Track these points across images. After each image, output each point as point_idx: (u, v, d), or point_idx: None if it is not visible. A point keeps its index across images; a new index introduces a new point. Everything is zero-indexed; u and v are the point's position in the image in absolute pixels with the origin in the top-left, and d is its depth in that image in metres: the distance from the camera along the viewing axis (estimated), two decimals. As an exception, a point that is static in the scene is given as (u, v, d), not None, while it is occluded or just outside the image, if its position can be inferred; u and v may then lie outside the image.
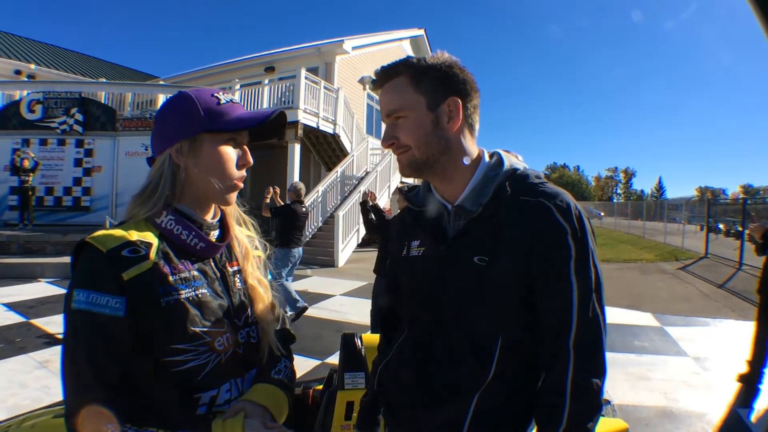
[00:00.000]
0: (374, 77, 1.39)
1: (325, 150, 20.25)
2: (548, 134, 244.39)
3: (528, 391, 1.32)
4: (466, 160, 1.37)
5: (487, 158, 1.42)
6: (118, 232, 1.21)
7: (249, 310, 1.42)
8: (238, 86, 18.20)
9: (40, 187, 16.00)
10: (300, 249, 8.22)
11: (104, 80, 23.02)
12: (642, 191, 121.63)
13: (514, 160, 1.43)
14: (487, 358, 1.29)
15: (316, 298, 10.04)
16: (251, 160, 1.38)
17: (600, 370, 1.24)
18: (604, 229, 36.79)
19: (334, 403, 2.36)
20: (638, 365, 6.14)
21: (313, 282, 11.97)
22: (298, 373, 5.18)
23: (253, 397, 1.30)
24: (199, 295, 1.26)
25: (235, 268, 1.43)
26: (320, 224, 16.73)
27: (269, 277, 1.59)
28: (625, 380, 5.57)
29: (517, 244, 1.26)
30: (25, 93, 17.20)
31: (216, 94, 1.32)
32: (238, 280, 1.42)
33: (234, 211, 1.47)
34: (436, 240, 1.41)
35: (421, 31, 27.71)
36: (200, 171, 1.30)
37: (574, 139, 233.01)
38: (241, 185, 1.38)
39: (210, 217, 1.39)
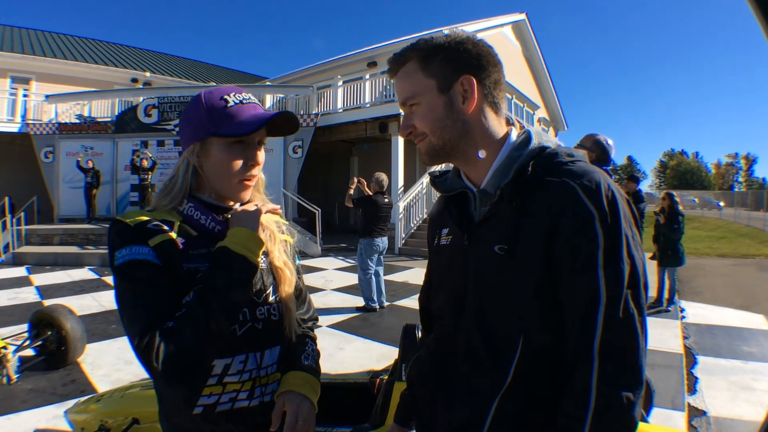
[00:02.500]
0: (388, 66, 1.33)
1: (429, 141, 20.18)
2: (666, 118, 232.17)
3: (555, 401, 1.15)
4: (482, 154, 1.26)
5: (513, 137, 1.30)
6: (144, 213, 1.37)
7: (270, 289, 1.50)
8: (340, 82, 18.78)
9: (159, 185, 17.11)
10: (384, 239, 8.33)
11: (214, 84, 24.12)
12: (764, 179, 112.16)
13: (545, 138, 1.29)
14: (506, 360, 1.17)
15: (415, 289, 10.11)
16: (260, 160, 1.43)
17: (633, 382, 1.05)
18: (723, 221, 34.33)
19: (392, 393, 2.40)
20: (742, 373, 5.69)
21: (414, 273, 12.07)
22: (385, 362, 5.37)
23: (293, 387, 1.42)
24: None
25: None
26: (425, 216, 16.77)
27: (297, 261, 1.67)
28: (726, 389, 5.20)
29: (536, 232, 1.13)
30: (140, 99, 18.50)
31: (225, 96, 1.38)
32: (262, 261, 1.48)
33: (259, 197, 1.55)
34: (462, 228, 1.31)
35: (522, 16, 26.63)
36: (209, 170, 1.41)
37: (692, 122, 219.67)
38: (250, 183, 1.44)
39: (231, 203, 1.48)
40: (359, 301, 8.58)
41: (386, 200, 8.28)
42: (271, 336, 1.47)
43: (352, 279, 10.25)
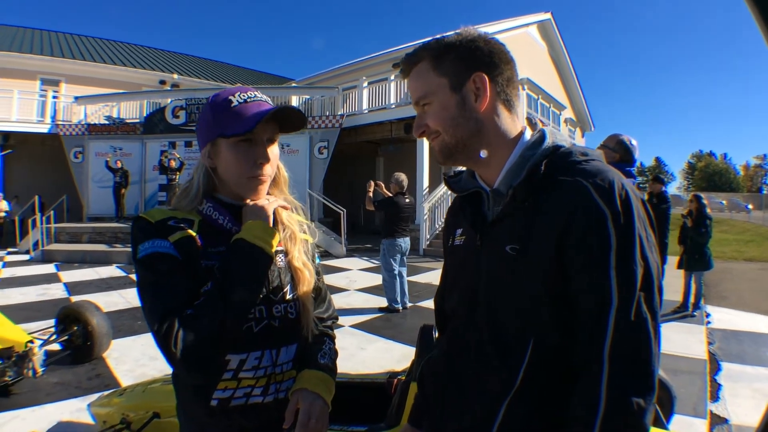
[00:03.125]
0: (400, 66, 1.33)
1: (454, 142, 20.16)
2: (694, 119, 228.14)
3: (565, 404, 1.11)
4: (483, 154, 1.25)
5: (527, 136, 1.28)
6: (165, 211, 1.42)
7: (288, 287, 1.52)
8: (365, 83, 18.82)
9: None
10: (406, 239, 8.30)
11: (240, 86, 24.32)
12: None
13: (560, 137, 1.27)
14: (516, 361, 1.15)
15: (438, 290, 10.12)
16: (268, 156, 1.43)
17: (644, 388, 1.02)
18: (751, 224, 33.38)
19: (408, 394, 2.41)
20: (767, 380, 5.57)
21: (438, 275, 11.82)
22: (405, 363, 5.37)
23: (307, 386, 1.44)
24: None
25: (278, 248, 1.52)
26: (449, 216, 16.69)
27: (317, 260, 1.70)
28: (749, 397, 5.06)
29: (548, 232, 1.11)
30: (168, 100, 18.90)
31: (230, 97, 1.41)
32: (279, 260, 1.52)
33: (282, 196, 1.58)
34: (475, 228, 1.30)
35: (548, 15, 26.40)
36: (222, 171, 1.44)
37: (720, 123, 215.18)
38: (264, 179, 1.45)
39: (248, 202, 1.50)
40: (382, 302, 8.57)
41: (407, 200, 8.25)
42: (287, 334, 1.49)
43: (376, 279, 10.23)
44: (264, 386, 1.43)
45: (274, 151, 1.47)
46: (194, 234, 1.38)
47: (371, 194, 8.15)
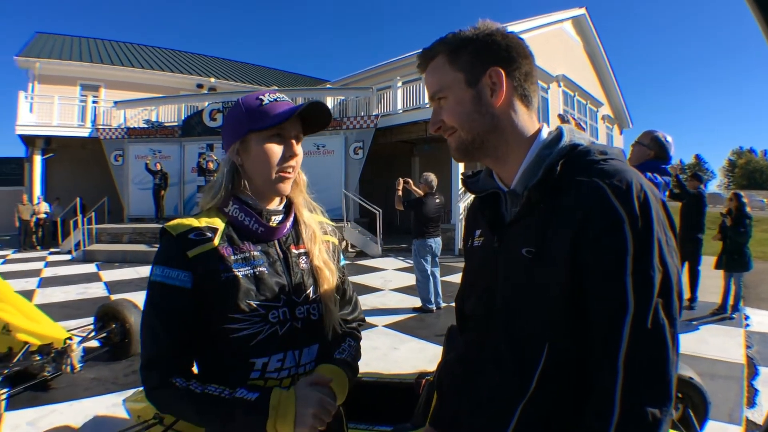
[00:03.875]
0: (417, 61, 1.32)
1: (490, 141, 20.03)
2: (734, 115, 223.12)
3: (578, 412, 1.10)
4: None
5: (544, 135, 1.25)
6: (189, 220, 1.44)
7: (311, 289, 1.53)
8: (399, 83, 18.70)
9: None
10: (437, 239, 8.25)
11: (275, 88, 24.62)
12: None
13: (578, 136, 1.23)
14: (531, 366, 1.12)
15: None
16: (297, 152, 1.48)
17: (660, 397, 0.99)
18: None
19: (434, 394, 2.41)
20: (796, 385, 5.27)
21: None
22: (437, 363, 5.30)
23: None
24: (257, 273, 1.43)
25: (301, 250, 1.56)
26: (485, 216, 16.57)
27: (342, 262, 1.72)
28: None
29: (564, 235, 1.08)
30: (205, 104, 19.25)
31: (260, 97, 1.46)
32: (303, 262, 1.54)
33: (302, 197, 1.61)
34: (493, 229, 1.29)
35: (582, 10, 25.90)
36: (251, 166, 1.47)
37: (761, 119, 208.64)
38: (290, 175, 1.49)
39: (275, 204, 1.55)
40: (417, 302, 8.54)
41: (437, 201, 8.19)
42: (309, 335, 1.51)
43: (411, 279, 10.23)
44: (288, 386, 1.43)
45: (299, 149, 1.50)
46: (217, 244, 1.41)
47: (401, 193, 8.09)
